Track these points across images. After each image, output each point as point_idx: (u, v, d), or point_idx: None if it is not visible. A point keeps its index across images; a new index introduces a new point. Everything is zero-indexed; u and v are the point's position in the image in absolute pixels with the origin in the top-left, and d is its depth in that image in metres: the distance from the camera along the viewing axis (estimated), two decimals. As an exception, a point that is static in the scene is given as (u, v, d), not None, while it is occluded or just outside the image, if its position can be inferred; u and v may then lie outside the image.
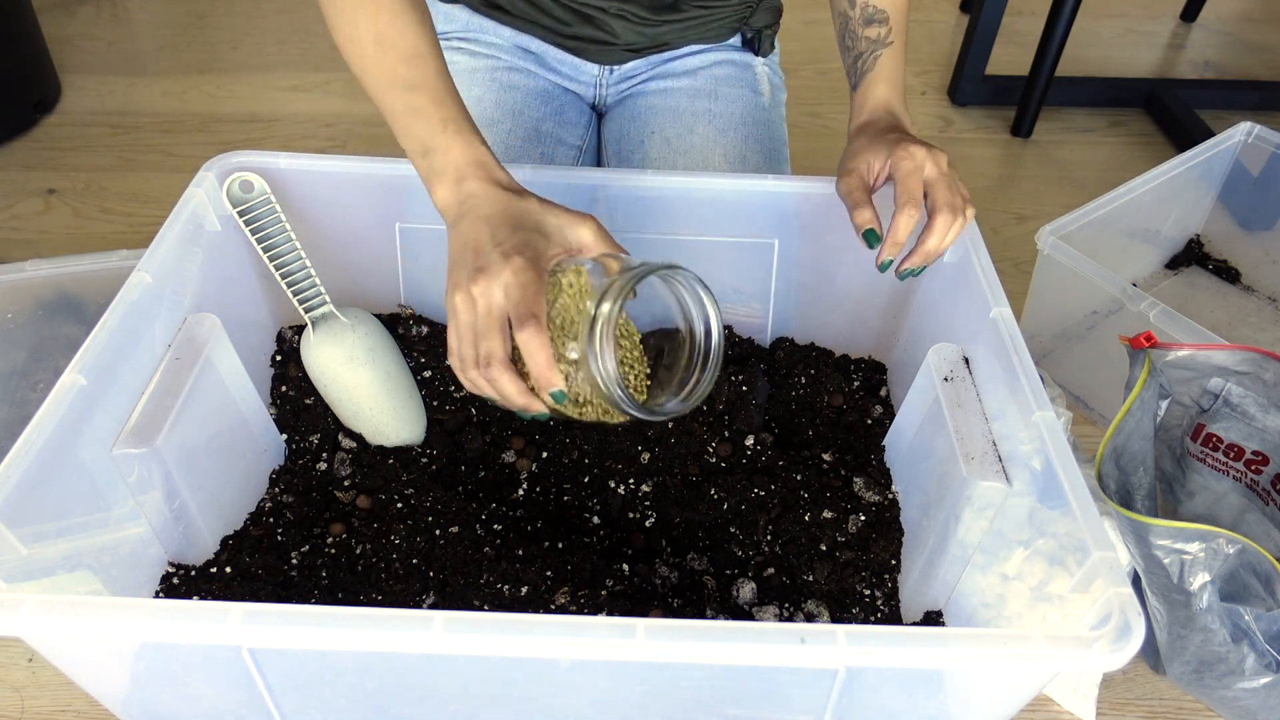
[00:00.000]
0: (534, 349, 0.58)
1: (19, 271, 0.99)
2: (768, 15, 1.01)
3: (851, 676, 0.54)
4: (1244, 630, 0.73)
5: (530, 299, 0.58)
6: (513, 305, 0.58)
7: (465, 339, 0.60)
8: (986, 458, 0.67)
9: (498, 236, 0.61)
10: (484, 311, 0.59)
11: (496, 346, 0.59)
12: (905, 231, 0.71)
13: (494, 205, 0.63)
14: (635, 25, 0.94)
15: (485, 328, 0.59)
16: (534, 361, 0.58)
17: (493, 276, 0.59)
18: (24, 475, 0.56)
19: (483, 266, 0.59)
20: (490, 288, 0.59)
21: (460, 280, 0.60)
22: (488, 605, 0.70)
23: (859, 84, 0.84)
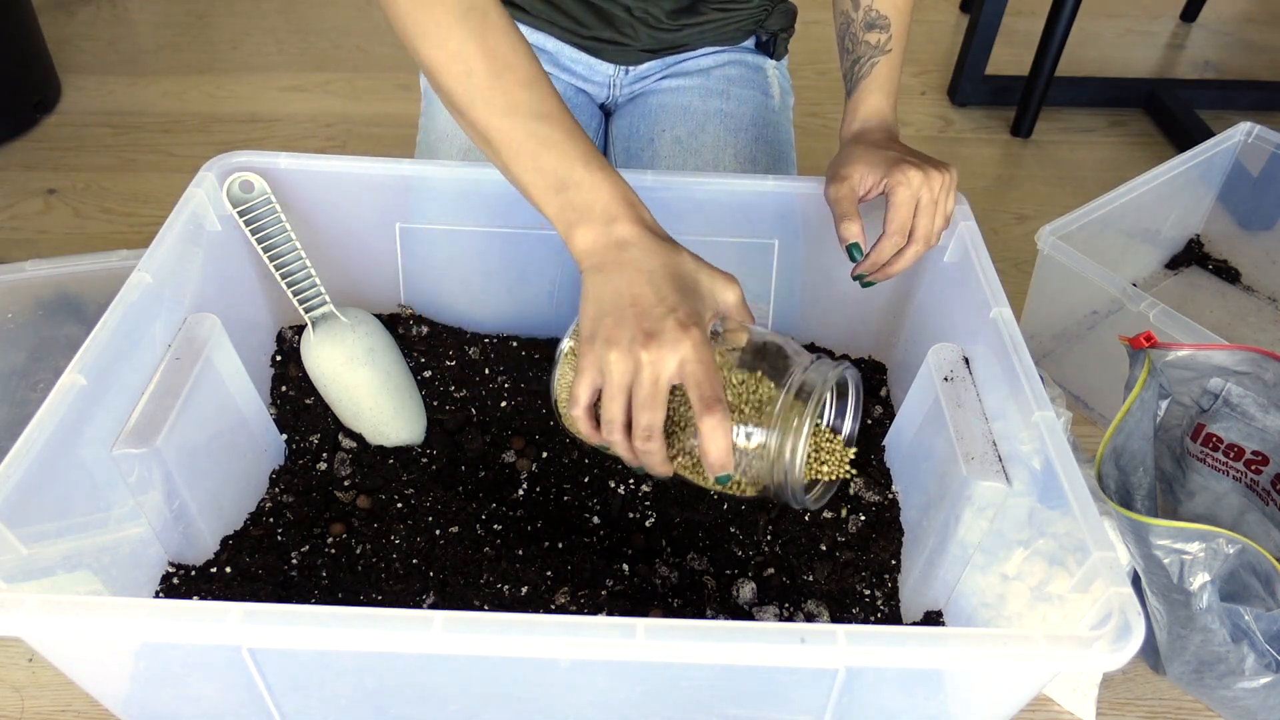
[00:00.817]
0: (720, 437, 0.56)
1: (19, 271, 0.99)
2: (782, 18, 1.01)
3: (851, 676, 0.54)
4: (1244, 630, 0.73)
5: (714, 380, 0.56)
6: (695, 385, 0.56)
7: (617, 400, 0.57)
8: (986, 458, 0.67)
9: (667, 298, 0.58)
10: (650, 380, 0.56)
11: (658, 419, 0.57)
12: (888, 255, 0.74)
13: (655, 257, 0.59)
14: (654, 29, 0.94)
15: (650, 398, 0.56)
16: (717, 449, 0.56)
17: (667, 346, 0.56)
18: (24, 475, 0.56)
19: (655, 332, 0.56)
20: (663, 357, 0.56)
21: (620, 339, 0.56)
22: (488, 605, 0.70)
23: (854, 90, 0.84)
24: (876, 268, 0.75)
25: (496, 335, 0.91)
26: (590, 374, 0.58)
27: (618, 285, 0.58)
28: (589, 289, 0.60)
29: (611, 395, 0.57)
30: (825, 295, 0.90)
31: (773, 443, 0.61)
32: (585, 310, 0.60)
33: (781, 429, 0.61)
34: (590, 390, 0.59)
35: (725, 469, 0.57)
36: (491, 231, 0.85)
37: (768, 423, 0.62)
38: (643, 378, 0.56)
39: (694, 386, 0.56)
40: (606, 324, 0.57)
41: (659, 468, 0.60)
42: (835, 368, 0.64)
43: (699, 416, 0.56)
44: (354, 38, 1.84)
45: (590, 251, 0.60)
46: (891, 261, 0.75)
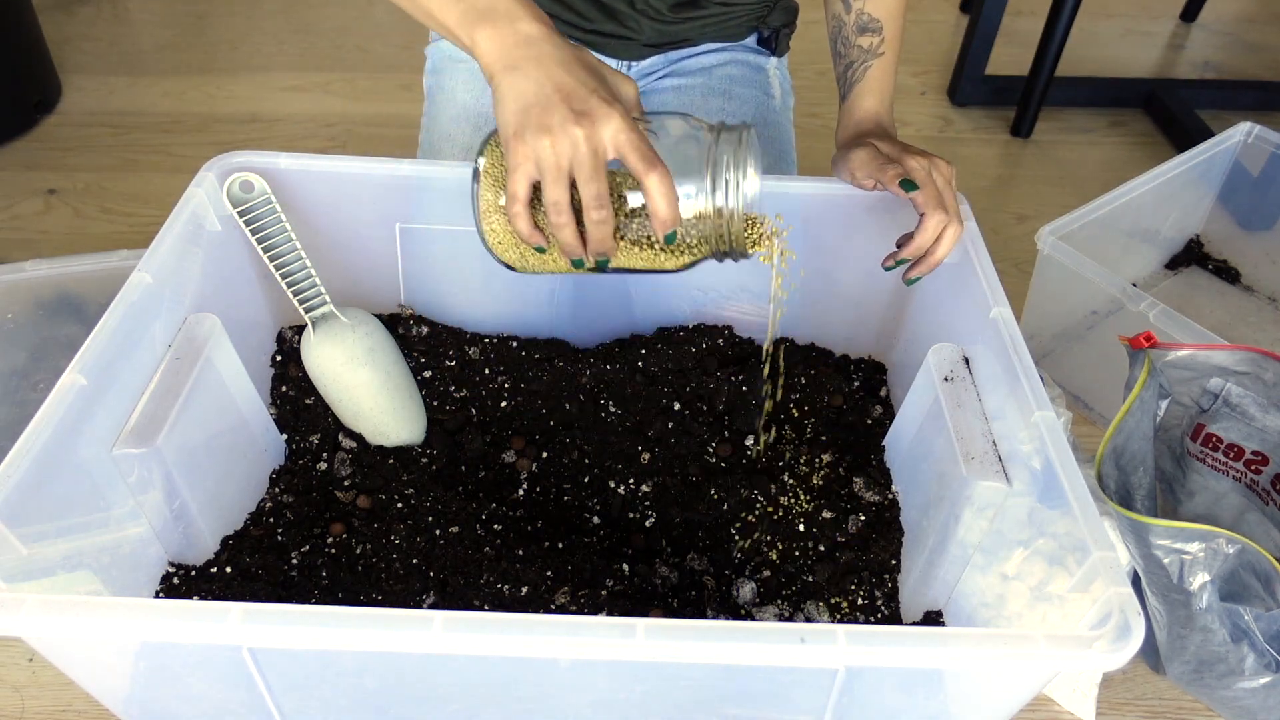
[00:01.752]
0: (666, 188, 0.59)
1: (19, 271, 0.99)
2: (784, 14, 1.01)
3: (851, 676, 0.54)
4: (1244, 630, 0.73)
5: (647, 143, 0.59)
6: (632, 149, 0.58)
7: (561, 183, 0.59)
8: (986, 458, 0.67)
9: (586, 82, 0.60)
10: (590, 153, 0.58)
11: (605, 189, 0.59)
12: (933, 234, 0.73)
13: (563, 49, 0.61)
14: (656, 21, 0.95)
15: (594, 170, 0.59)
16: (666, 202, 0.59)
17: (599, 121, 0.58)
18: (24, 475, 0.56)
19: (585, 111, 0.58)
20: (597, 131, 0.58)
21: (549, 122, 0.58)
22: (488, 605, 0.70)
23: (848, 94, 0.85)
24: (921, 251, 0.74)
25: (496, 335, 0.91)
26: (525, 166, 0.60)
27: (537, 78, 0.60)
28: (506, 88, 0.61)
29: (554, 179, 0.59)
30: (825, 295, 0.90)
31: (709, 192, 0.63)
32: (505, 108, 0.60)
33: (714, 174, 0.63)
34: (527, 183, 0.60)
35: (673, 225, 0.60)
36: (491, 231, 0.85)
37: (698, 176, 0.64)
38: (581, 153, 0.58)
39: (631, 151, 0.58)
40: (534, 114, 0.59)
41: (609, 242, 0.62)
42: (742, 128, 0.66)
43: (642, 177, 0.59)
44: (354, 38, 1.84)
45: (499, 53, 0.62)
46: (934, 247, 0.74)
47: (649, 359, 0.87)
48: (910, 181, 0.72)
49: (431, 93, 1.01)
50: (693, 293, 0.90)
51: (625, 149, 0.59)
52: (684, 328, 0.91)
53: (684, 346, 0.88)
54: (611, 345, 0.91)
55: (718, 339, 0.90)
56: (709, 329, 0.90)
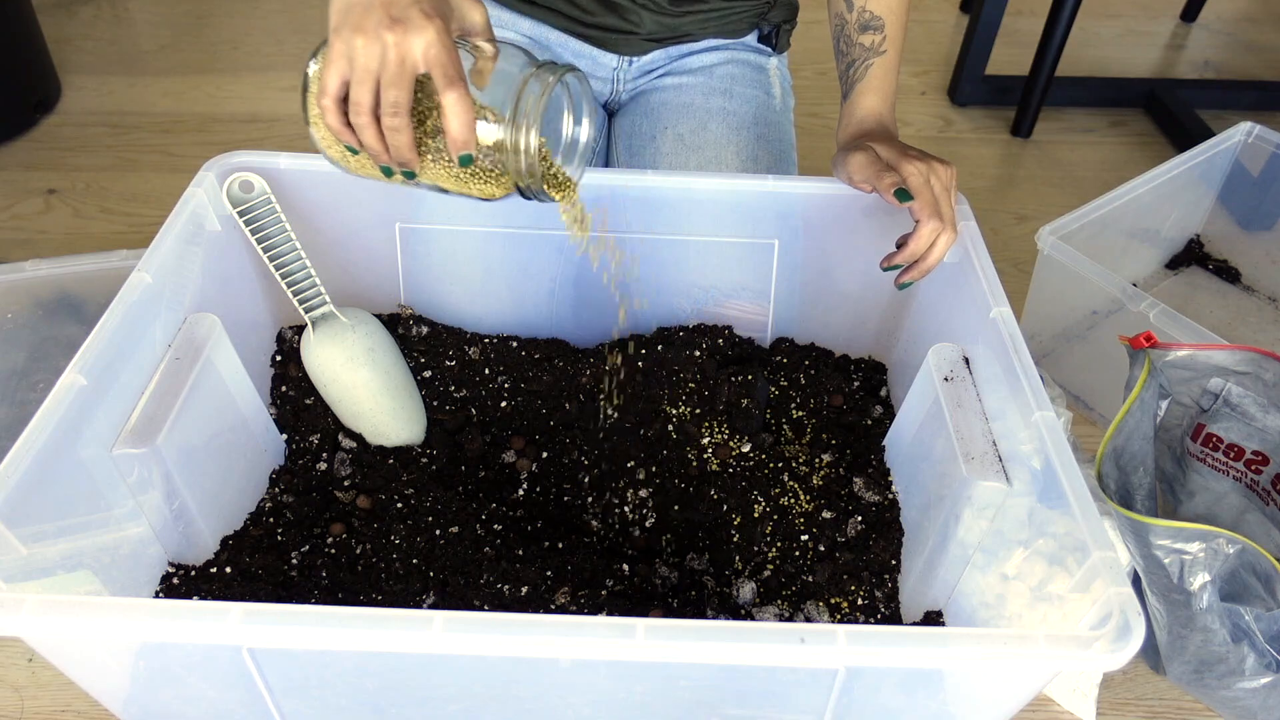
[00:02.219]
0: (462, 109, 0.58)
1: (19, 271, 0.99)
2: (785, 11, 1.01)
3: (851, 676, 0.54)
4: (1244, 630, 0.73)
5: (456, 61, 0.59)
6: (438, 65, 0.58)
7: (365, 84, 0.59)
8: (986, 458, 0.67)
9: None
10: (396, 60, 0.58)
11: (405, 97, 0.59)
12: (928, 241, 0.74)
13: None
14: (657, 14, 0.95)
15: (396, 76, 0.58)
16: (459, 122, 0.59)
17: (412, 30, 0.58)
18: (24, 475, 0.56)
19: (401, 18, 0.58)
20: (408, 40, 0.58)
21: (365, 24, 0.58)
22: (488, 605, 0.70)
23: (849, 93, 0.85)
24: (916, 257, 0.75)
25: (496, 335, 0.91)
26: (339, 63, 0.60)
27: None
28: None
29: (359, 79, 0.59)
30: (825, 295, 0.90)
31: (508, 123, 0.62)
32: (332, 5, 0.61)
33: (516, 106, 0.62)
34: (339, 79, 0.60)
35: (467, 147, 0.60)
36: (491, 231, 0.85)
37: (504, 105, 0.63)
38: (389, 59, 0.58)
39: (437, 66, 0.58)
40: (355, 13, 0.59)
41: (406, 153, 0.61)
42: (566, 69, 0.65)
43: (441, 93, 0.59)
44: (354, 38, 1.84)
45: None
46: (927, 253, 0.74)
47: (649, 359, 0.87)
48: (905, 192, 0.73)
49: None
50: (693, 292, 0.90)
51: (433, 63, 0.59)
52: (684, 327, 0.91)
53: (684, 346, 0.88)
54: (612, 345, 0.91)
55: (718, 339, 0.90)
56: (709, 329, 0.90)
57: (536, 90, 0.62)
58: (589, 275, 0.89)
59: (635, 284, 0.90)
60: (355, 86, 0.60)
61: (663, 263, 0.88)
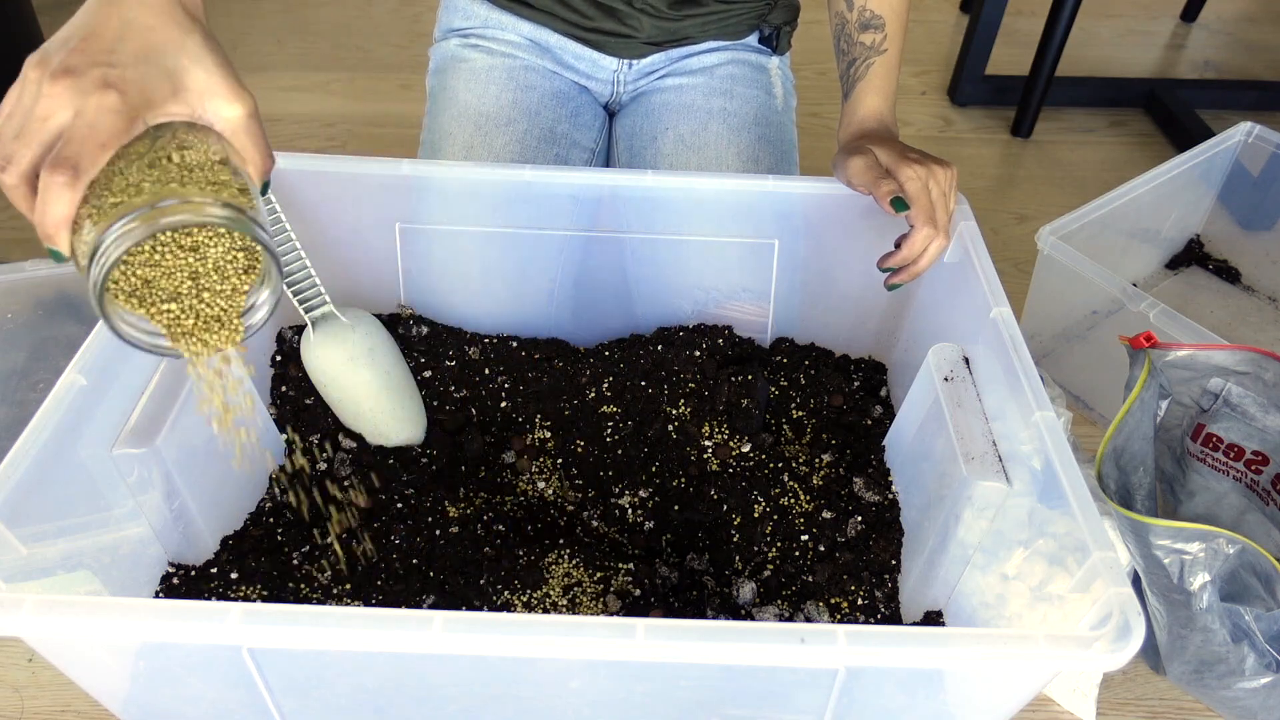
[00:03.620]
0: (51, 200, 0.48)
1: (19, 271, 0.99)
2: (785, 13, 1.01)
3: (851, 676, 0.54)
4: (1244, 630, 0.73)
5: (89, 150, 0.49)
6: (67, 140, 0.49)
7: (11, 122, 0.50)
8: (986, 458, 0.67)
9: (116, 53, 0.50)
10: (40, 115, 0.49)
11: (24, 156, 0.49)
12: (920, 247, 0.75)
13: (148, 14, 0.52)
14: (656, 19, 0.95)
15: (28, 130, 0.49)
16: (42, 213, 0.49)
17: (73, 90, 0.49)
18: (24, 475, 0.56)
19: (73, 70, 0.49)
20: (61, 98, 0.49)
21: (49, 61, 0.50)
22: (488, 605, 0.70)
23: (850, 92, 0.85)
24: (908, 262, 0.76)
25: (496, 335, 0.91)
26: (13, 88, 0.51)
27: (90, 19, 0.51)
28: (77, 13, 0.52)
29: (10, 114, 0.50)
30: (825, 295, 0.90)
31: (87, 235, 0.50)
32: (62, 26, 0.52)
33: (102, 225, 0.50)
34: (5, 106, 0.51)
35: (50, 241, 0.50)
36: (491, 231, 0.85)
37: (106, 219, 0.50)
38: (35, 110, 0.49)
39: (63, 142, 0.49)
40: (52, 46, 0.51)
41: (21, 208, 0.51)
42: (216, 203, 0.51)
43: (42, 169, 0.49)
44: (354, 38, 1.84)
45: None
46: (919, 258, 0.75)
47: (649, 359, 0.87)
48: (901, 201, 0.73)
49: (434, 93, 1.01)
50: (693, 292, 0.90)
51: (67, 135, 0.49)
52: (684, 328, 0.91)
53: (684, 347, 0.88)
54: (612, 345, 0.91)
55: (718, 339, 0.90)
56: (709, 329, 0.90)
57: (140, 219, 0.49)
58: (589, 275, 0.89)
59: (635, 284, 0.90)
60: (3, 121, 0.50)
61: (663, 263, 0.88)
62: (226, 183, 0.53)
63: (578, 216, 0.85)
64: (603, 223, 0.85)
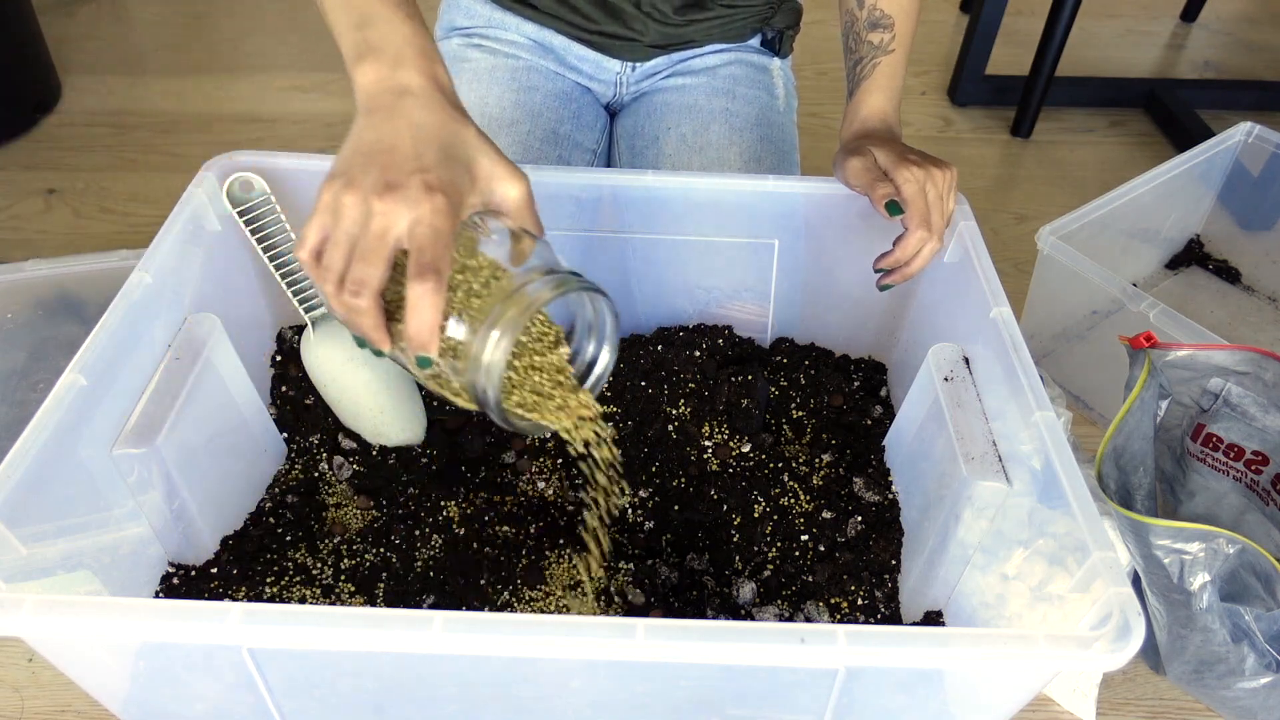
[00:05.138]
0: (425, 308, 0.51)
1: (19, 271, 0.99)
2: (788, 16, 1.01)
3: (851, 676, 0.54)
4: (1244, 630, 0.73)
5: (440, 251, 0.52)
6: (417, 248, 0.51)
7: (339, 247, 0.53)
8: (986, 458, 0.67)
9: (425, 157, 0.54)
10: (377, 232, 0.52)
11: (374, 275, 0.52)
12: (913, 250, 0.74)
13: (432, 114, 0.56)
14: (661, 24, 0.95)
15: (371, 250, 0.52)
16: (419, 322, 0.51)
17: (404, 201, 0.52)
18: (24, 475, 0.56)
19: (396, 183, 0.52)
20: (396, 211, 0.52)
21: (359, 180, 0.53)
22: (488, 605, 0.70)
23: (855, 90, 0.84)
24: (901, 264, 0.75)
25: (496, 335, 0.91)
26: (321, 216, 0.54)
27: (381, 131, 0.55)
28: (354, 130, 0.56)
29: (335, 241, 0.53)
30: (825, 295, 0.90)
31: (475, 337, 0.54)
32: (342, 150, 0.55)
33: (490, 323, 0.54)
34: (318, 233, 0.54)
35: (425, 349, 0.52)
36: (491, 231, 0.85)
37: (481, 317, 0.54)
38: (370, 228, 0.52)
39: (415, 250, 0.52)
40: (355, 165, 0.54)
41: (372, 333, 0.54)
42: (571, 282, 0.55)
43: (409, 281, 0.51)
44: (354, 38, 1.84)
45: (369, 92, 0.57)
46: (911, 260, 0.75)
47: (649, 359, 0.87)
48: (895, 205, 0.73)
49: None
50: (694, 292, 0.90)
51: (413, 244, 0.52)
52: (684, 327, 0.91)
53: (684, 347, 0.88)
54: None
55: (718, 339, 0.90)
56: (709, 329, 0.90)
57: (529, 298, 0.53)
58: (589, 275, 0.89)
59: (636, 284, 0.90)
60: (330, 248, 0.53)
61: (663, 263, 0.88)
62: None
63: (579, 217, 0.85)
64: (604, 223, 0.85)
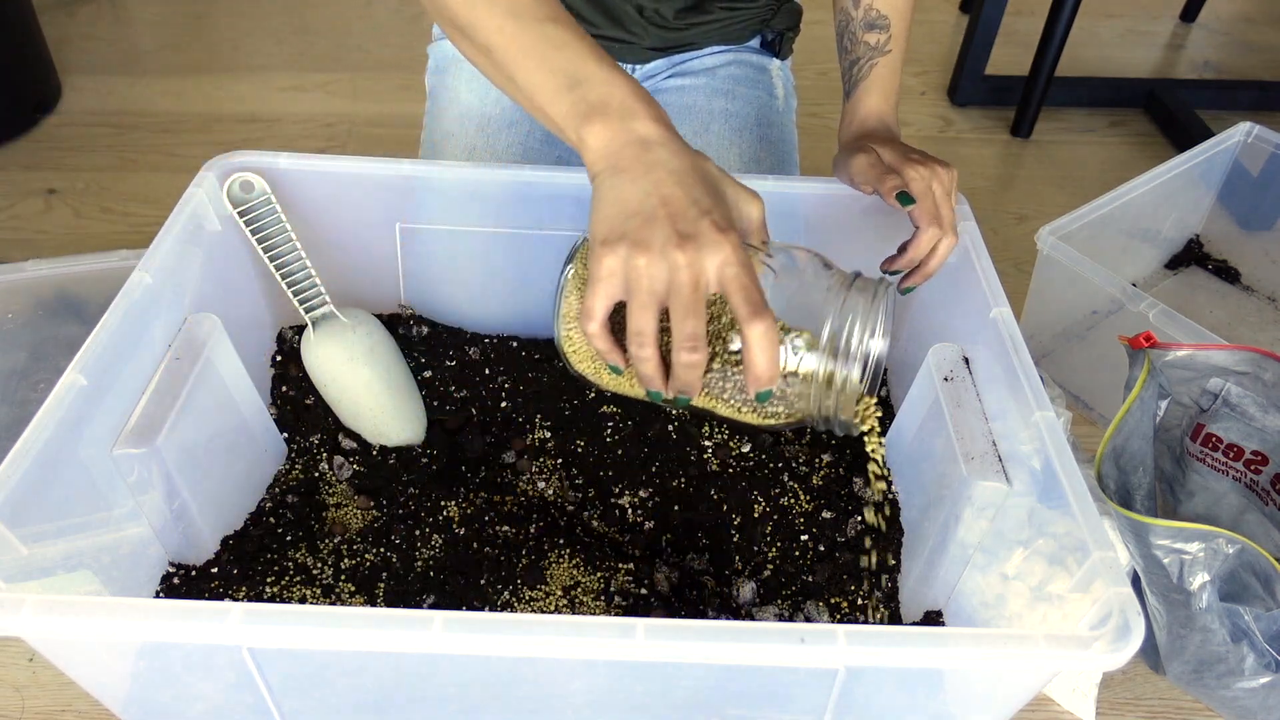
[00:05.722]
0: (768, 345, 0.51)
1: (19, 271, 0.99)
2: (788, 18, 1.01)
3: (851, 676, 0.54)
4: (1244, 630, 0.73)
5: (757, 285, 0.52)
6: (738, 289, 0.51)
7: (650, 309, 0.52)
8: (986, 458, 0.67)
9: (700, 200, 0.53)
10: (690, 284, 0.51)
11: (702, 327, 0.52)
12: (927, 247, 0.73)
13: (682, 159, 0.55)
14: (662, 28, 0.95)
15: (692, 304, 0.52)
16: (764, 358, 0.52)
17: (705, 248, 0.51)
18: (24, 475, 0.56)
19: (691, 234, 0.51)
20: (702, 259, 0.51)
21: (649, 240, 0.52)
22: (488, 605, 0.70)
23: (852, 91, 0.84)
24: (916, 264, 0.74)
25: (496, 335, 0.91)
26: (609, 283, 0.53)
27: (644, 186, 0.54)
28: (606, 191, 0.54)
29: (643, 304, 0.52)
30: (825, 295, 0.90)
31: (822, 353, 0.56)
32: (601, 213, 0.54)
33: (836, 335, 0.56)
34: (607, 302, 0.54)
35: (772, 382, 0.53)
36: (492, 232, 0.85)
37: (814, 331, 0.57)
38: (681, 281, 0.51)
39: (737, 291, 0.51)
40: (633, 225, 0.52)
41: (694, 385, 0.54)
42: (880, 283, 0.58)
43: (745, 323, 0.51)
44: (354, 38, 1.84)
45: (608, 151, 0.56)
46: (927, 259, 0.74)
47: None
48: (907, 195, 0.71)
49: (434, 92, 1.01)
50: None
51: (730, 286, 0.52)
52: (684, 328, 0.91)
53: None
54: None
55: (718, 339, 0.90)
56: (709, 329, 0.90)
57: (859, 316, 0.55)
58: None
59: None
60: (638, 313, 0.53)
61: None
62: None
63: (579, 217, 0.85)
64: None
